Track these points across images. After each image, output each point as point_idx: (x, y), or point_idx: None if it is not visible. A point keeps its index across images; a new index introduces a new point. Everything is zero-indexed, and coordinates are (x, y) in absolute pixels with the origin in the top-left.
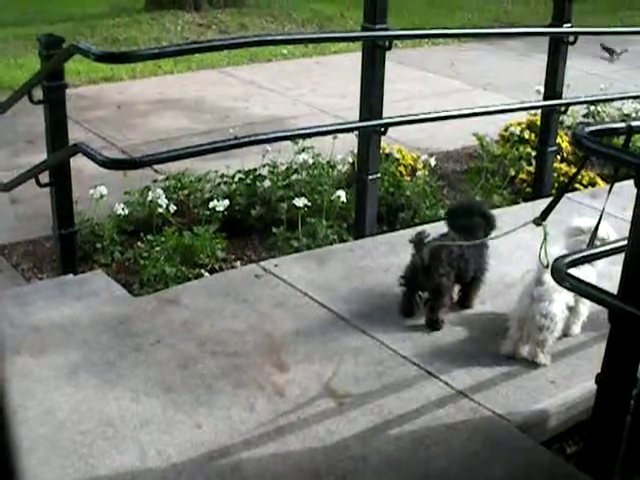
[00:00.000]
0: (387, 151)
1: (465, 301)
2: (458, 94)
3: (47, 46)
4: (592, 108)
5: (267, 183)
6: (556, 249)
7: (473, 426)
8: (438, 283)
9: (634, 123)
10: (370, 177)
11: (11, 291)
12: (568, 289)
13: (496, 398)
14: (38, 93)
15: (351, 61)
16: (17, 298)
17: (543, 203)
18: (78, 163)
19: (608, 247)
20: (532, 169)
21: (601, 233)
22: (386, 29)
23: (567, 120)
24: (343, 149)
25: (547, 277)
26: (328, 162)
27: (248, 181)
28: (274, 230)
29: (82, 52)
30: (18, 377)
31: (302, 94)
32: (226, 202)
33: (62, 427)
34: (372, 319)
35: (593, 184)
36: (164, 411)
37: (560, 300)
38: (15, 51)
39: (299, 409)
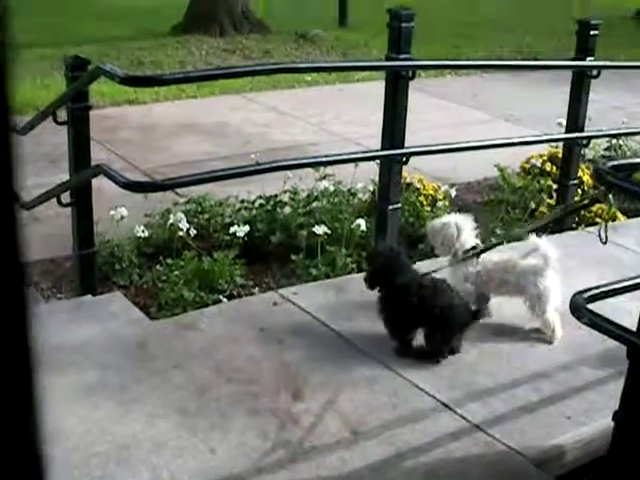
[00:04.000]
0: (408, 180)
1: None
2: (480, 125)
3: (73, 68)
4: (614, 142)
5: (287, 210)
6: None
7: (488, 460)
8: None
9: None
10: (391, 207)
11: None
12: (587, 325)
13: (511, 432)
14: (62, 114)
15: (374, 89)
16: (35, 317)
17: (564, 237)
18: (99, 184)
19: (628, 283)
20: (553, 202)
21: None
22: (410, 59)
23: (589, 153)
24: (364, 177)
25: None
26: (349, 190)
27: (269, 207)
28: (293, 257)
29: (107, 74)
30: None
31: (324, 121)
32: (246, 228)
33: (76, 449)
34: (388, 349)
35: (614, 218)
36: (178, 435)
37: None
38: (41, 71)
39: (313, 438)
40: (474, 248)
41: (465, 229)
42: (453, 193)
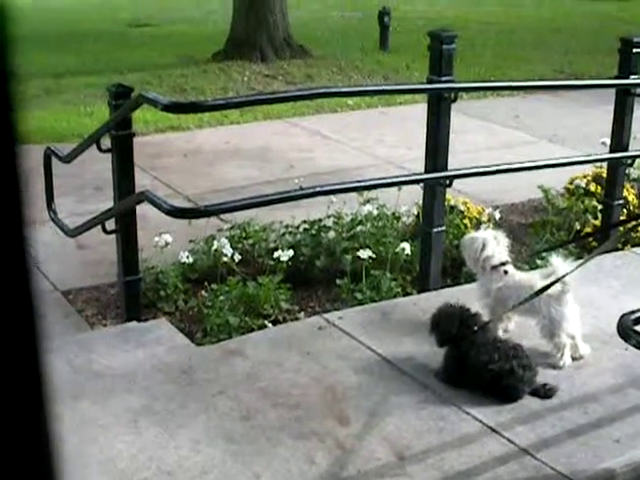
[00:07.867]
0: (452, 203)
1: None
2: (523, 146)
3: (116, 96)
4: None
5: (332, 234)
6: None
7: None
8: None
9: None
10: (435, 230)
11: (75, 337)
12: (634, 346)
13: (559, 457)
14: (106, 141)
15: (417, 112)
16: (80, 344)
17: (609, 257)
18: (144, 210)
19: None
20: (598, 223)
21: None
22: (452, 81)
23: (634, 173)
24: (408, 200)
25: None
26: (393, 214)
27: (313, 231)
28: (338, 282)
29: (150, 102)
30: (79, 423)
31: (367, 145)
32: (290, 252)
33: (122, 475)
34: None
35: None
36: (223, 461)
37: None
38: (85, 99)
39: (359, 462)
40: (503, 264)
41: (491, 244)
42: (497, 215)
